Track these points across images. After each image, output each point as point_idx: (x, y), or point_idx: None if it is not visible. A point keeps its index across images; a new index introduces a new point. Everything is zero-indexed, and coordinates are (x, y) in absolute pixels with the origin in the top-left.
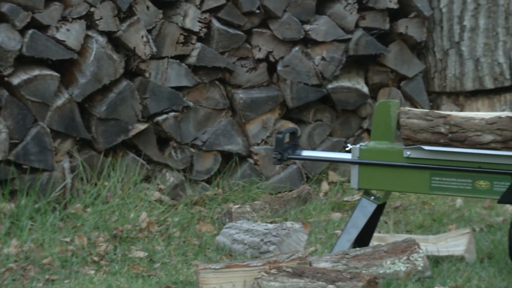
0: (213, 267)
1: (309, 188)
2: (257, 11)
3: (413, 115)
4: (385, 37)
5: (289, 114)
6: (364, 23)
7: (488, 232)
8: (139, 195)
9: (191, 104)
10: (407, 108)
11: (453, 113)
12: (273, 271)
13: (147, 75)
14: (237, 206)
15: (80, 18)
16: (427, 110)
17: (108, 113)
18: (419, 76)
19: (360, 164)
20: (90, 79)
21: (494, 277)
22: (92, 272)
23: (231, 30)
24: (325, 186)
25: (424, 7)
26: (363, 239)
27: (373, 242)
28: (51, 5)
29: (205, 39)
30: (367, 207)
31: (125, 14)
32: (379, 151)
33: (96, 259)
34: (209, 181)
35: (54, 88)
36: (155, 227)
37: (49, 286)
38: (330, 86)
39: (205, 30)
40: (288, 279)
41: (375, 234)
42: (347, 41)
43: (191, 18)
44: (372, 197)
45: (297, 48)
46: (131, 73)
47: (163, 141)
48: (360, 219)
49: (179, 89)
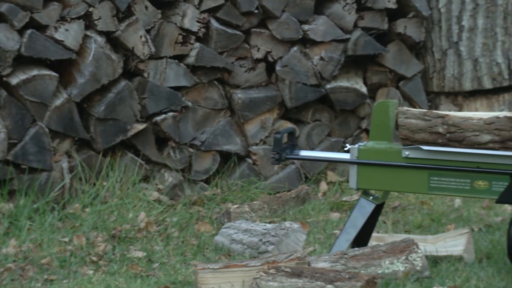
0: (211, 267)
1: (307, 188)
2: (256, 11)
3: (411, 115)
4: (383, 37)
5: (287, 114)
6: (363, 23)
7: (486, 232)
8: (138, 195)
9: (189, 104)
10: (405, 108)
11: (451, 113)
12: (272, 271)
13: (145, 75)
14: (235, 206)
15: (78, 18)
16: (425, 110)
17: (107, 113)
18: (418, 76)
19: (359, 164)
20: (88, 79)
21: (493, 277)
22: (91, 272)
23: (229, 30)
24: (323, 186)
25: (423, 7)
26: (361, 239)
27: (372, 242)
28: (49, 5)
29: (203, 39)
30: (366, 207)
31: (123, 14)
32: (377, 151)
33: (94, 259)
34: (207, 181)
35: (52, 88)
36: (153, 227)
37: (48, 286)
38: (328, 86)
39: (203, 30)
40: (286, 279)
41: (374, 234)
42: (345, 41)
43: (190, 18)
44: (371, 197)
45: (295, 48)
46: (129, 73)
47: (161, 141)
48: (358, 219)
49: (177, 89)
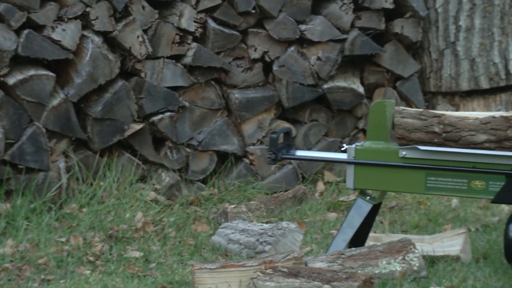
0: (208, 267)
1: (304, 188)
2: (253, 11)
3: (407, 114)
4: (380, 37)
5: (284, 114)
6: (360, 23)
7: (483, 232)
8: (135, 195)
9: (186, 104)
10: (401, 108)
11: (447, 113)
12: (269, 271)
13: (142, 75)
14: (232, 206)
15: (75, 18)
16: (421, 110)
17: (104, 113)
18: (415, 76)
19: (356, 164)
20: (85, 79)
21: (490, 277)
22: (88, 272)
23: (226, 30)
24: (320, 186)
25: (420, 7)
26: (358, 239)
27: (369, 242)
28: (46, 5)
29: (200, 39)
30: (363, 207)
31: (120, 14)
32: (374, 151)
33: (91, 259)
34: (204, 181)
35: (49, 88)
36: (150, 227)
37: (45, 286)
38: (325, 86)
39: (200, 30)
40: (283, 279)
41: (371, 234)
42: (342, 41)
43: (187, 18)
44: (368, 197)
45: (292, 48)
46: (126, 73)
47: (158, 141)
48: (355, 219)
49: (174, 89)
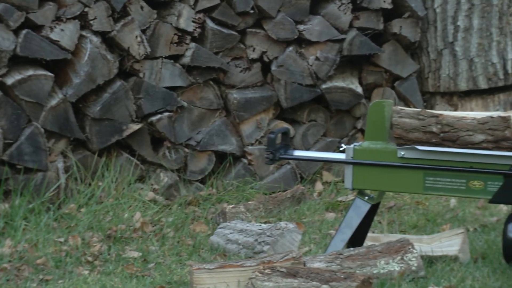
0: (207, 267)
1: (303, 188)
2: (251, 11)
3: (405, 114)
4: (379, 37)
5: (283, 114)
6: (358, 23)
7: (482, 232)
8: (133, 195)
9: (185, 104)
10: (399, 107)
11: (445, 113)
12: (267, 271)
13: (141, 75)
14: (231, 206)
15: (74, 18)
16: (419, 109)
17: (102, 113)
18: (413, 76)
19: (354, 164)
20: (84, 79)
21: (488, 277)
22: (86, 272)
23: (225, 30)
24: (319, 186)
25: (418, 7)
26: (357, 239)
27: (367, 242)
28: (45, 5)
29: (199, 39)
30: (361, 207)
31: (119, 14)
32: (373, 151)
33: (90, 259)
34: (203, 181)
35: (48, 88)
36: (149, 227)
37: (43, 286)
38: (324, 86)
39: (199, 30)
40: (282, 279)
41: (369, 234)
42: (341, 41)
43: (185, 18)
44: (366, 197)
45: (291, 48)
46: (125, 73)
47: (157, 141)
48: (354, 219)
49: (173, 89)
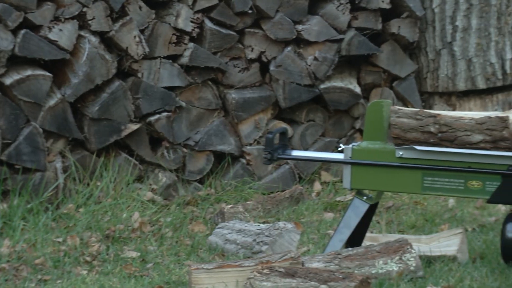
0: (205, 267)
1: (301, 188)
2: (250, 11)
3: (403, 114)
4: (377, 37)
5: (281, 114)
6: (357, 23)
7: (480, 232)
8: (132, 195)
9: (183, 104)
10: (397, 107)
11: (443, 113)
12: (266, 271)
13: (139, 75)
14: (229, 206)
15: (72, 18)
16: (417, 109)
17: (101, 113)
18: (412, 76)
19: (353, 164)
20: (82, 79)
21: (487, 277)
22: (85, 272)
23: (223, 30)
24: (317, 186)
25: (417, 7)
26: (355, 239)
27: (366, 242)
28: (43, 5)
29: (197, 39)
30: (360, 207)
31: (117, 14)
32: (371, 151)
33: (88, 259)
34: (201, 181)
35: (46, 88)
36: (147, 227)
37: (42, 286)
38: (322, 86)
39: (197, 30)
40: (280, 279)
41: (368, 234)
42: (339, 41)
43: (184, 18)
44: (365, 197)
45: (289, 48)
46: (123, 73)
47: (155, 141)
48: (352, 219)
49: (171, 89)
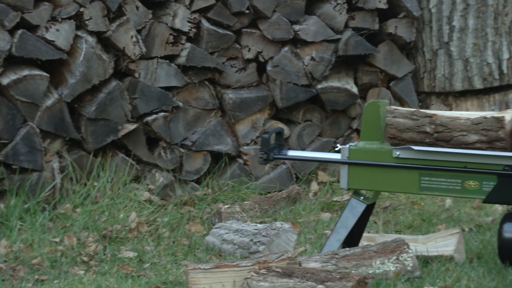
0: (202, 267)
1: (298, 188)
2: (247, 11)
3: (399, 114)
4: (374, 37)
5: (278, 114)
6: (354, 23)
7: (477, 232)
8: (129, 195)
9: (180, 104)
10: (393, 107)
11: (439, 113)
12: (263, 271)
13: (136, 75)
14: (226, 206)
15: (69, 18)
16: (413, 109)
17: (98, 113)
18: (409, 76)
19: (350, 164)
20: (79, 79)
21: (483, 277)
22: (82, 272)
23: (220, 30)
24: (314, 186)
25: (413, 8)
26: (352, 239)
27: (363, 242)
28: (40, 5)
29: (194, 39)
30: (357, 207)
31: (114, 14)
32: (368, 151)
33: (85, 259)
34: (198, 181)
35: (43, 88)
36: (144, 227)
37: (39, 286)
38: (319, 86)
39: (194, 30)
40: (277, 279)
41: (365, 234)
42: (336, 41)
43: (181, 18)
44: (362, 197)
45: (286, 48)
46: (120, 73)
47: (152, 141)
48: (349, 219)
49: (168, 89)
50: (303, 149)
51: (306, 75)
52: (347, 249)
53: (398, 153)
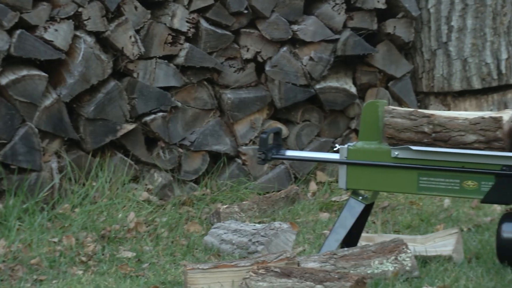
0: (201, 267)
1: (297, 188)
2: (245, 11)
3: (397, 114)
4: (373, 37)
5: (277, 114)
6: (352, 23)
7: (476, 232)
8: (127, 195)
9: (179, 104)
10: (391, 107)
11: (437, 113)
12: (261, 271)
13: (135, 75)
14: (225, 206)
15: (68, 18)
16: (411, 109)
17: (96, 113)
18: (407, 76)
19: (348, 164)
20: (78, 79)
21: (482, 277)
22: (80, 272)
23: (219, 30)
24: (313, 186)
25: (412, 8)
26: (351, 239)
27: (361, 242)
28: (39, 5)
29: (193, 39)
30: (355, 207)
31: (113, 14)
32: (367, 151)
33: (84, 259)
34: (197, 181)
35: (42, 88)
36: (143, 227)
37: (37, 286)
38: (318, 86)
39: (193, 30)
40: (276, 279)
41: (363, 234)
42: (335, 41)
43: (179, 18)
44: (360, 197)
45: (285, 48)
46: (119, 73)
47: (151, 141)
48: (348, 219)
49: (167, 89)
50: (301, 149)
51: (305, 75)
52: (345, 249)
53: (396, 153)
